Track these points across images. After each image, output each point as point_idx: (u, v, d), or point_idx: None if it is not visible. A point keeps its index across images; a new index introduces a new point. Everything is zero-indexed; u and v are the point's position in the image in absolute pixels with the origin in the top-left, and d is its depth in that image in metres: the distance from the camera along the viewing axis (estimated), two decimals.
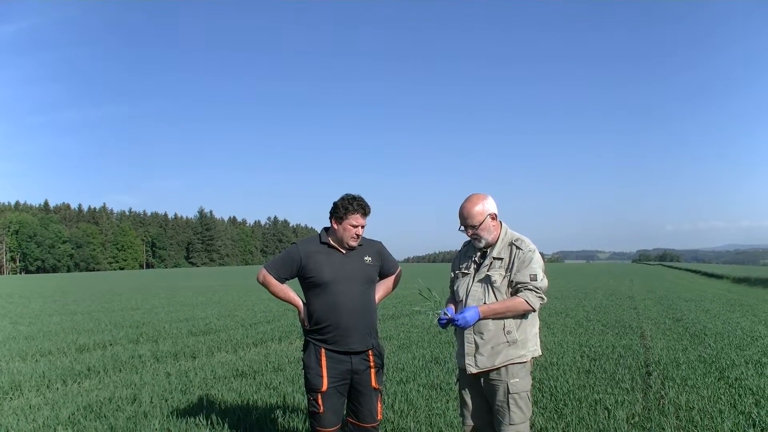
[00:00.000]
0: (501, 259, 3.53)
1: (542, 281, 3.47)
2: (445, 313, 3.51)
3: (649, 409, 5.67)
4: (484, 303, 3.48)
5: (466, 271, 3.66)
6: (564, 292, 23.45)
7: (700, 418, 5.31)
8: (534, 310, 3.48)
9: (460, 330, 3.57)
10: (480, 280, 3.55)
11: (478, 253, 3.64)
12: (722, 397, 6.06)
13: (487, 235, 3.55)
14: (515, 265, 3.48)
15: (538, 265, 3.48)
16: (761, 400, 5.90)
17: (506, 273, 3.49)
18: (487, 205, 3.56)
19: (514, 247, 3.52)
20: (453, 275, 3.78)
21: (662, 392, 6.31)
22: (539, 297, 3.46)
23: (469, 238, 3.66)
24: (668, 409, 5.66)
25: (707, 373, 7.24)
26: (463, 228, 3.60)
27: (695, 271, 57.67)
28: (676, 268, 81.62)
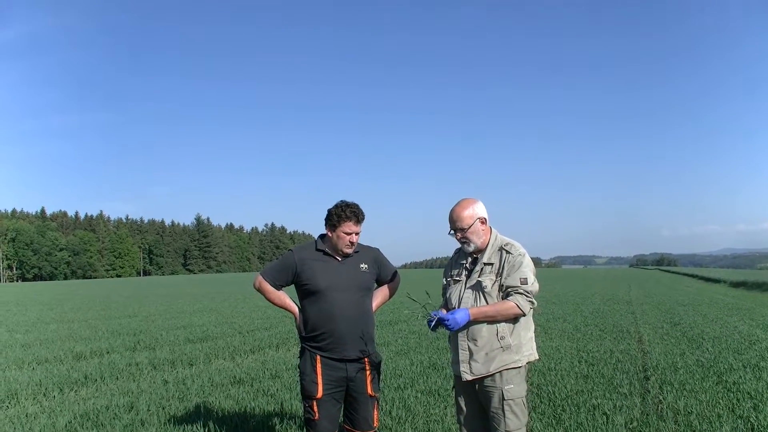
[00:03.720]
0: (491, 264, 3.54)
1: (533, 285, 3.48)
2: (432, 315, 3.52)
3: (647, 414, 5.67)
4: None
5: (457, 278, 3.68)
6: (561, 297, 23.44)
7: (699, 423, 5.31)
8: (524, 314, 3.48)
9: (453, 337, 3.59)
10: (471, 287, 3.56)
11: (469, 259, 3.66)
12: (720, 401, 6.05)
13: (477, 239, 3.57)
14: (505, 269, 3.49)
15: (528, 269, 3.49)
16: (759, 404, 5.90)
17: (497, 278, 3.51)
18: (477, 209, 3.58)
19: (504, 252, 3.54)
20: (445, 282, 3.79)
21: (660, 397, 6.31)
22: (530, 301, 3.47)
23: (459, 245, 3.68)
24: (666, 413, 5.66)
25: (705, 377, 7.24)
26: (452, 232, 3.62)
27: (692, 276, 57.65)
28: (673, 272, 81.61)
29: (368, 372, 3.90)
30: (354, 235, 3.85)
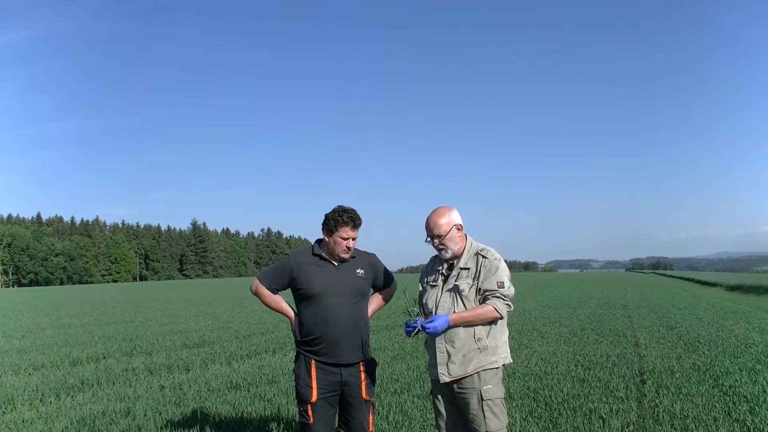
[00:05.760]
0: (468, 268, 3.64)
1: (509, 289, 3.58)
2: (413, 321, 3.57)
3: (643, 418, 5.69)
4: (454, 312, 3.57)
5: (433, 284, 3.76)
6: (558, 301, 23.49)
7: (695, 426, 5.33)
8: (501, 317, 3.58)
9: (431, 341, 3.66)
10: (448, 290, 3.64)
11: (445, 265, 3.74)
12: (717, 404, 6.08)
13: (453, 246, 3.66)
14: (482, 273, 3.58)
15: (504, 273, 3.59)
16: (755, 407, 5.92)
17: (473, 282, 3.59)
18: (453, 217, 3.68)
19: (480, 257, 3.63)
20: (422, 288, 3.87)
21: (657, 401, 6.33)
22: (506, 304, 3.57)
23: (436, 252, 3.76)
24: (663, 417, 5.68)
25: (701, 381, 7.26)
26: (429, 239, 3.70)
27: (689, 279, 57.86)
28: (669, 276, 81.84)
29: (363, 377, 3.92)
30: (351, 240, 3.87)
